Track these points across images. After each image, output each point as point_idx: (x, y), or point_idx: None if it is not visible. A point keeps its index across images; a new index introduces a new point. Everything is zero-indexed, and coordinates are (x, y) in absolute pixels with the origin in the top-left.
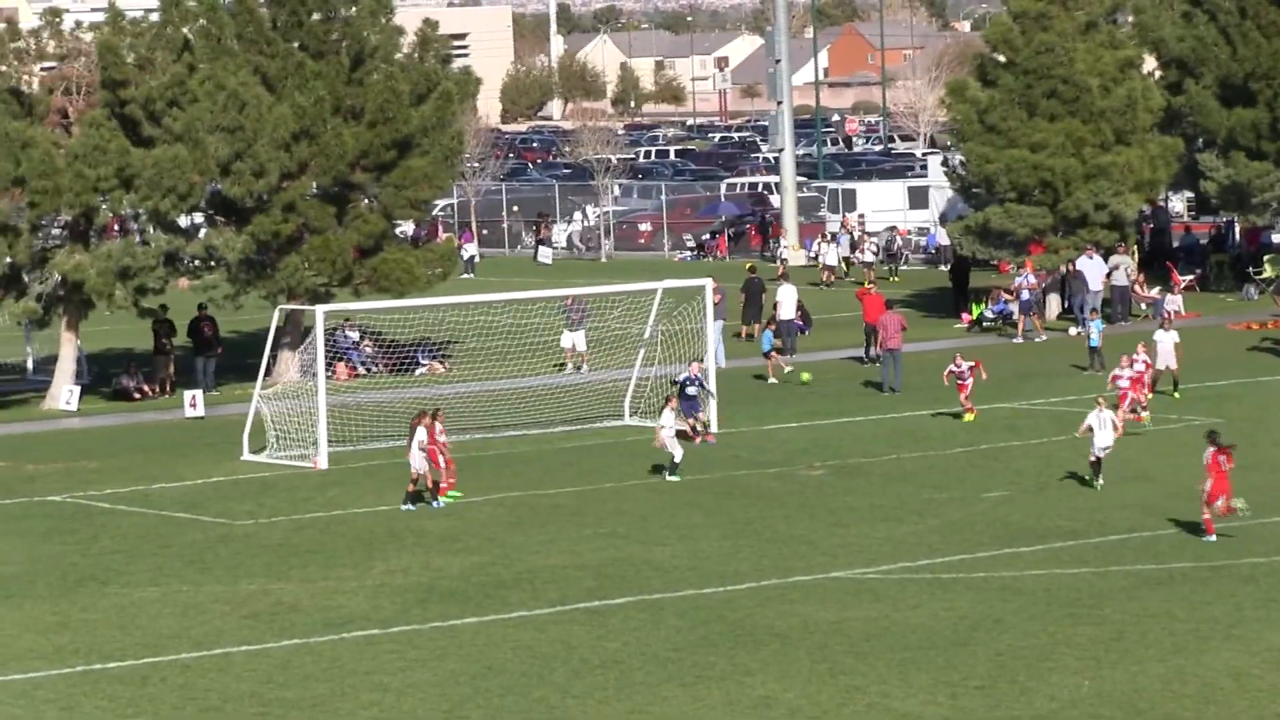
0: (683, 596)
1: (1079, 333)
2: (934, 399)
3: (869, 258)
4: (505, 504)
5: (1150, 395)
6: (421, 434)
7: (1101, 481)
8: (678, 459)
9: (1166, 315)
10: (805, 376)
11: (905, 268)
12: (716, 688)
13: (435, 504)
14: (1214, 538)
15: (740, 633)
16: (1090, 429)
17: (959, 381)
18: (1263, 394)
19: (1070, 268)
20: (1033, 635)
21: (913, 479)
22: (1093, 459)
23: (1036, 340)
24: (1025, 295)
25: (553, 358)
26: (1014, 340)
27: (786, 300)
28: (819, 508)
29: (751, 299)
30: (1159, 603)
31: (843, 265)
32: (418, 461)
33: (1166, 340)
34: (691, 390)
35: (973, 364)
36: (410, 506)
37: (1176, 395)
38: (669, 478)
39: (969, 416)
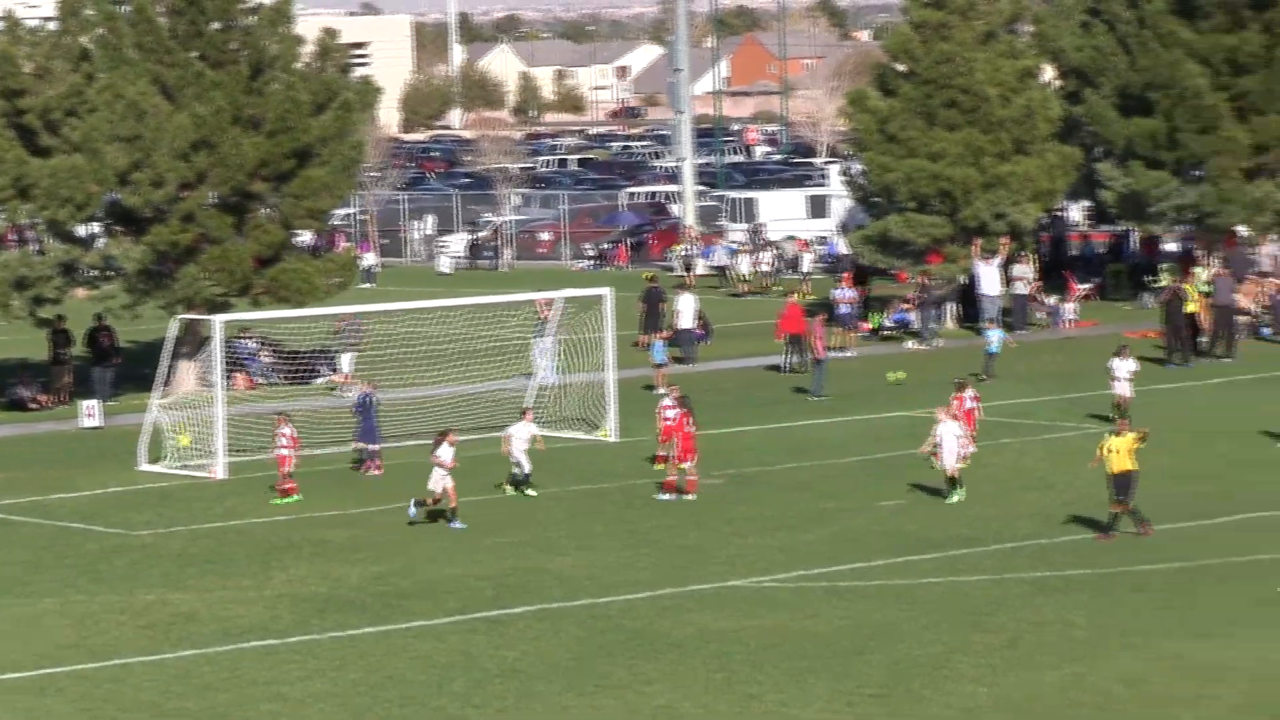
0: (582, 606)
1: (917, 346)
2: (831, 409)
3: (765, 268)
4: (405, 514)
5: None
6: (445, 452)
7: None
8: (527, 470)
9: (1124, 344)
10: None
11: (795, 276)
12: (615, 697)
13: (455, 525)
14: (669, 496)
15: (639, 642)
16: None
17: (666, 424)
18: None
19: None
20: (929, 643)
21: (809, 488)
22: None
23: (845, 355)
24: (843, 309)
25: (454, 364)
26: (909, 347)
27: (685, 309)
28: (717, 517)
29: (651, 309)
30: (1056, 610)
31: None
32: (436, 482)
33: (1122, 369)
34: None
35: (683, 411)
36: (413, 511)
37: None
38: (529, 492)
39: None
